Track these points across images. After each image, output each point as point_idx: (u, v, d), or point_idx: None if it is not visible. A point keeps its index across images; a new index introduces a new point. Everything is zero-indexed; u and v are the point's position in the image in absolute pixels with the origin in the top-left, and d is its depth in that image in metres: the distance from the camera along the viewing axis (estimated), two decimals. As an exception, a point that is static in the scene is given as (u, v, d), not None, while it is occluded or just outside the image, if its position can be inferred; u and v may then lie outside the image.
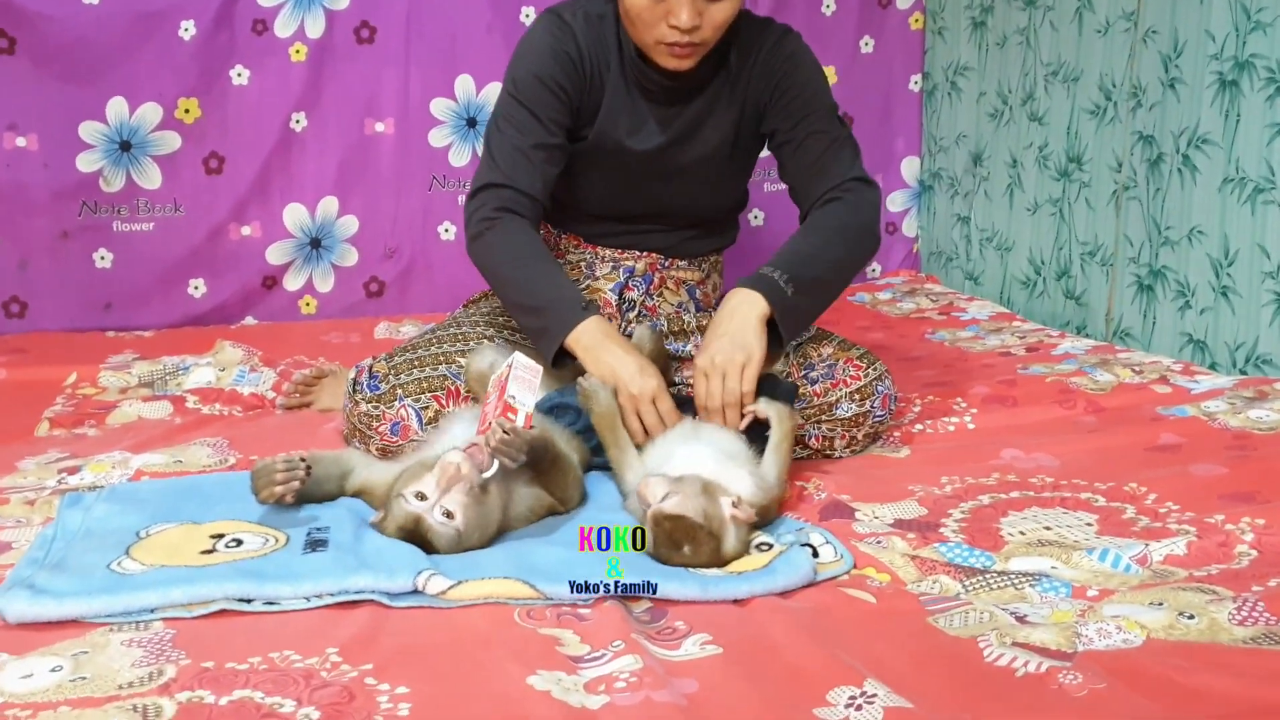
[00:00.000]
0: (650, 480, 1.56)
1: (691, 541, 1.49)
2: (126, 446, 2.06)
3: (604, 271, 2.17)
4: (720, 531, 1.51)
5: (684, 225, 2.18)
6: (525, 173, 1.97)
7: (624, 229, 2.17)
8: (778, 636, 1.32)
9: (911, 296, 3.22)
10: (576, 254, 2.20)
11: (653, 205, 2.13)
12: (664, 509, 1.51)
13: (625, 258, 2.17)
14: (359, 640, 1.29)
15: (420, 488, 1.51)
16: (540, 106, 1.97)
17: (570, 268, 2.19)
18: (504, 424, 1.53)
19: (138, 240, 3.07)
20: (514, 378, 1.61)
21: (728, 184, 2.18)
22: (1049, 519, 1.67)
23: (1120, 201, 2.67)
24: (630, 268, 2.17)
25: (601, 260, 2.18)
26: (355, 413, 1.96)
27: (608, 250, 2.18)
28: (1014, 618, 1.37)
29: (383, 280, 3.23)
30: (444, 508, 1.50)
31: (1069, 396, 2.22)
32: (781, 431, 1.74)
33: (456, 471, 1.50)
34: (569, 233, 2.20)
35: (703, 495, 1.52)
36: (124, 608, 1.34)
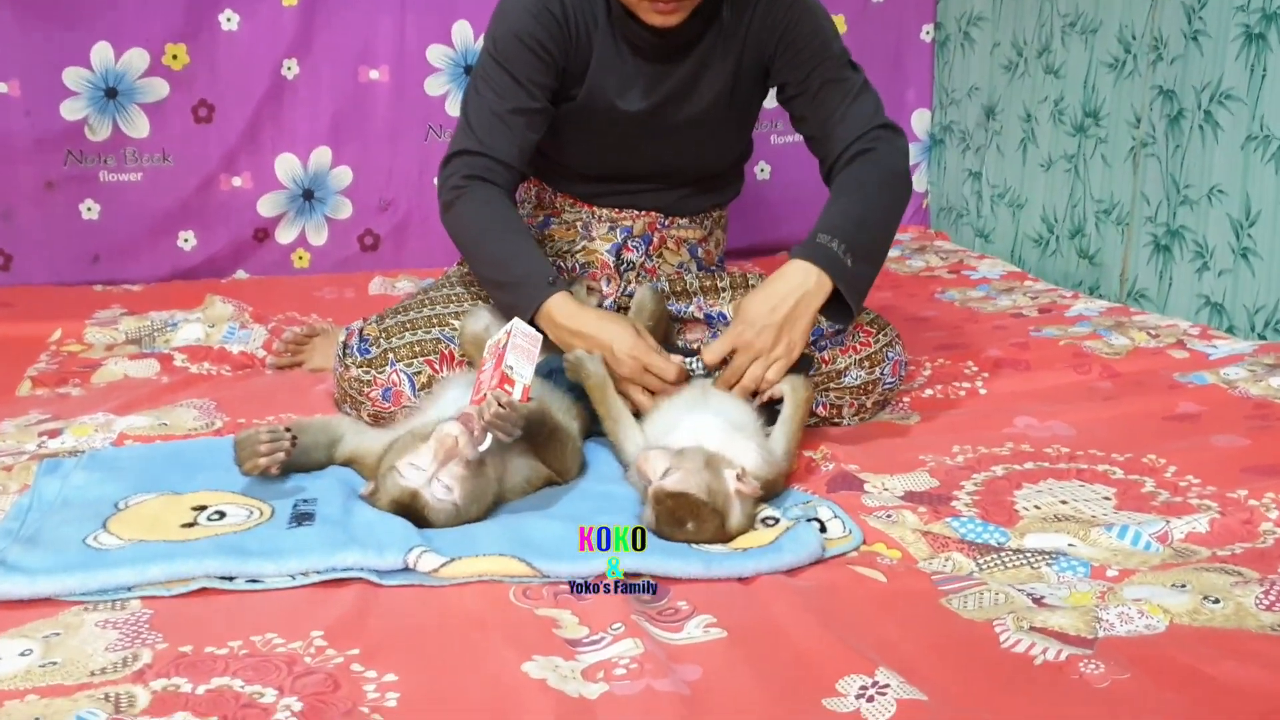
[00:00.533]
0: (650, 454, 1.49)
1: (695, 518, 1.43)
2: (111, 408, 2.00)
3: (600, 232, 2.09)
4: (725, 508, 1.45)
5: (684, 183, 2.10)
6: (502, 139, 1.88)
7: (620, 188, 2.09)
8: (784, 619, 1.26)
9: (921, 254, 3.14)
10: (572, 212, 2.12)
11: (649, 165, 2.05)
12: (665, 486, 1.44)
13: (623, 217, 2.10)
14: (345, 622, 1.23)
15: (415, 460, 1.45)
16: (520, 68, 1.88)
17: (565, 228, 2.11)
18: (500, 396, 1.46)
19: (125, 191, 2.99)
20: (512, 346, 1.54)
21: (727, 139, 2.09)
22: (1065, 492, 1.60)
23: (1138, 158, 2.58)
24: (628, 228, 2.09)
25: (598, 220, 2.10)
26: (346, 378, 1.89)
27: (604, 210, 2.10)
28: (1031, 599, 1.30)
29: (377, 234, 3.16)
30: (441, 482, 1.44)
31: (1083, 361, 2.16)
32: (795, 403, 1.67)
33: (454, 445, 1.44)
34: (563, 192, 2.12)
35: (706, 470, 1.46)
36: (99, 586, 1.28)
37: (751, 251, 3.22)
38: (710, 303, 2.01)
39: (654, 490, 1.45)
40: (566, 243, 2.10)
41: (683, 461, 1.47)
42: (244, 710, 1.06)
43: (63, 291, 2.90)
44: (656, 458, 1.49)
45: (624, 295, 2.06)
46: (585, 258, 2.08)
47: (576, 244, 2.10)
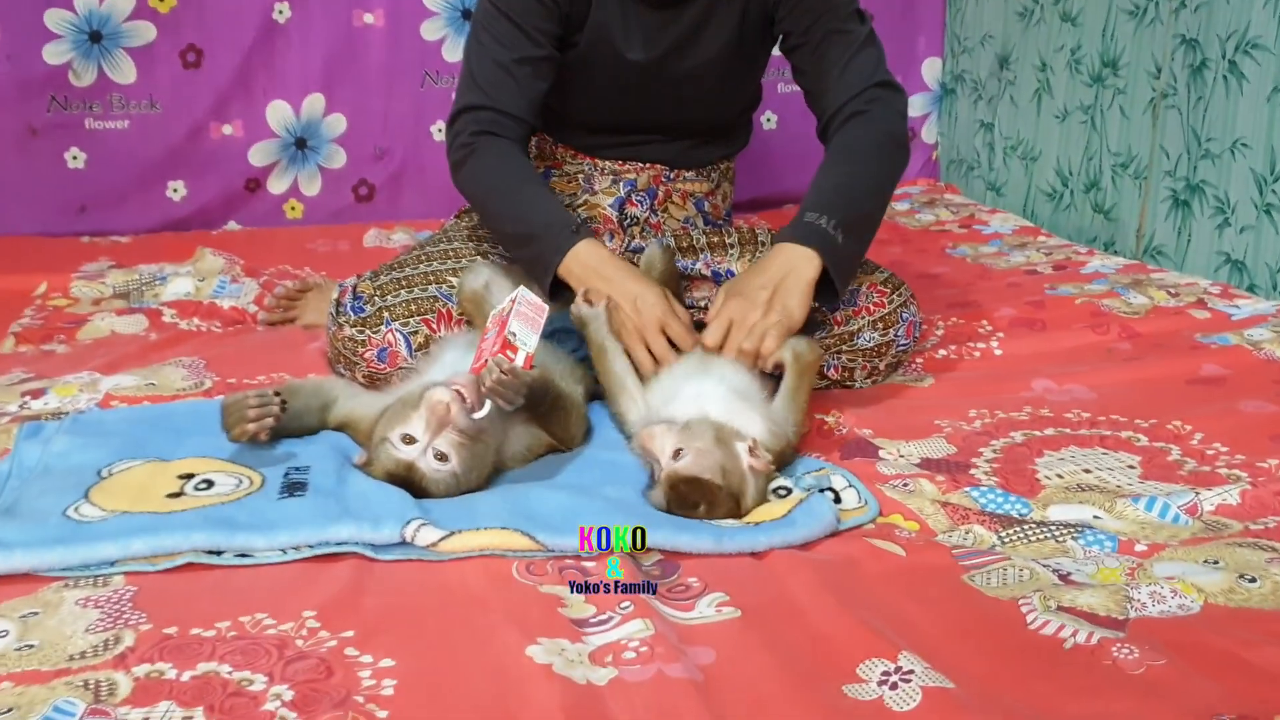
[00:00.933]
0: (655, 431, 1.42)
1: (709, 501, 1.36)
2: (96, 366, 1.93)
3: (603, 185, 2.02)
4: (740, 487, 1.38)
5: (689, 134, 2.02)
6: (508, 91, 1.81)
7: (624, 140, 2.01)
8: (800, 597, 1.20)
9: (930, 208, 3.06)
10: (574, 165, 2.04)
11: (654, 116, 1.97)
12: (680, 471, 1.37)
13: (626, 170, 2.03)
14: (339, 601, 1.17)
15: (407, 430, 1.38)
16: (523, 15, 1.79)
17: (566, 180, 2.04)
18: (502, 363, 1.39)
19: (112, 139, 2.90)
20: (516, 313, 1.47)
21: (734, 89, 2.01)
22: (1088, 460, 1.54)
23: (1158, 110, 2.50)
24: (631, 181, 2.02)
25: (601, 173, 2.03)
26: (339, 337, 1.82)
27: (607, 162, 2.03)
28: (1057, 576, 1.25)
29: (372, 184, 3.07)
30: (436, 450, 1.38)
31: (1101, 320, 2.09)
32: (798, 369, 1.59)
33: (446, 412, 1.37)
34: (564, 144, 2.04)
35: (717, 448, 1.39)
36: (80, 560, 1.22)
37: (758, 204, 3.14)
38: (718, 259, 1.94)
39: (667, 475, 1.38)
40: (567, 196, 2.03)
41: (692, 439, 1.40)
42: (231, 699, 1.00)
43: (48, 243, 2.82)
44: (663, 434, 1.41)
45: (628, 251, 1.99)
46: (587, 212, 2.01)
47: (578, 198, 2.03)
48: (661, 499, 1.39)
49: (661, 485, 1.39)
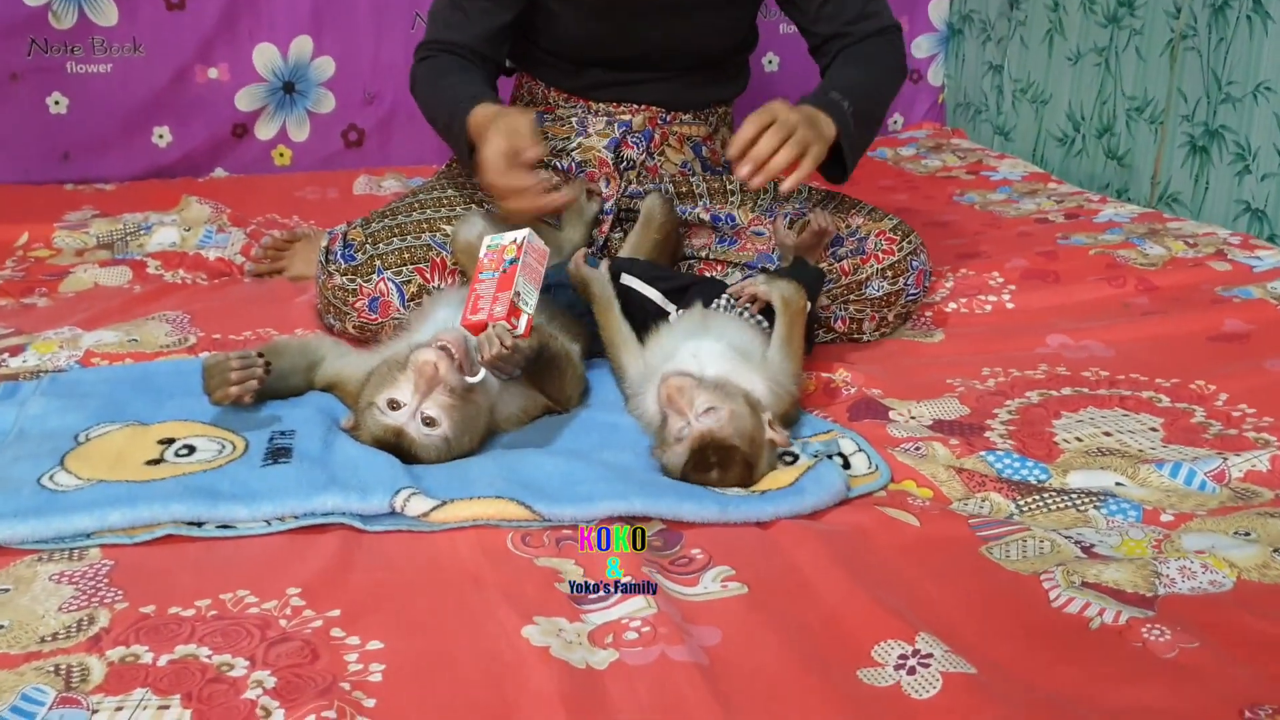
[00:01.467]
0: (683, 383, 1.32)
1: (724, 467, 1.30)
2: (78, 320, 1.86)
3: (598, 127, 1.94)
4: (757, 457, 1.32)
5: (685, 71, 1.95)
6: (459, 28, 1.85)
7: (617, 79, 1.94)
8: (809, 571, 1.14)
9: (937, 153, 2.98)
10: (567, 108, 1.97)
11: (646, 47, 1.90)
12: (715, 434, 1.29)
13: (621, 111, 1.95)
14: (325, 577, 1.11)
15: (394, 394, 1.32)
16: None
17: (560, 124, 1.96)
18: (504, 335, 1.31)
19: (95, 83, 2.80)
20: (524, 265, 1.39)
21: (731, 19, 1.93)
22: (1108, 422, 1.48)
23: (1176, 52, 2.41)
24: (626, 122, 1.94)
25: (594, 114, 1.95)
26: (328, 286, 1.76)
27: (601, 104, 1.95)
28: (1080, 548, 1.19)
29: (362, 129, 2.98)
30: (425, 414, 1.31)
31: (1117, 272, 2.02)
32: (788, 317, 1.50)
33: (434, 373, 1.31)
34: (556, 87, 1.96)
35: (751, 415, 1.32)
36: (55, 533, 1.16)
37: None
38: (718, 205, 1.87)
39: (698, 434, 1.29)
40: (561, 140, 1.95)
41: (723, 399, 1.32)
42: (210, 686, 0.94)
43: (31, 190, 2.73)
44: (690, 387, 1.33)
45: (625, 196, 1.92)
46: (582, 155, 1.93)
47: (571, 141, 1.95)
48: (681, 459, 1.32)
49: (688, 443, 1.31)
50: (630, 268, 1.67)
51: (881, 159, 2.97)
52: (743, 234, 1.86)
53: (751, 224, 1.86)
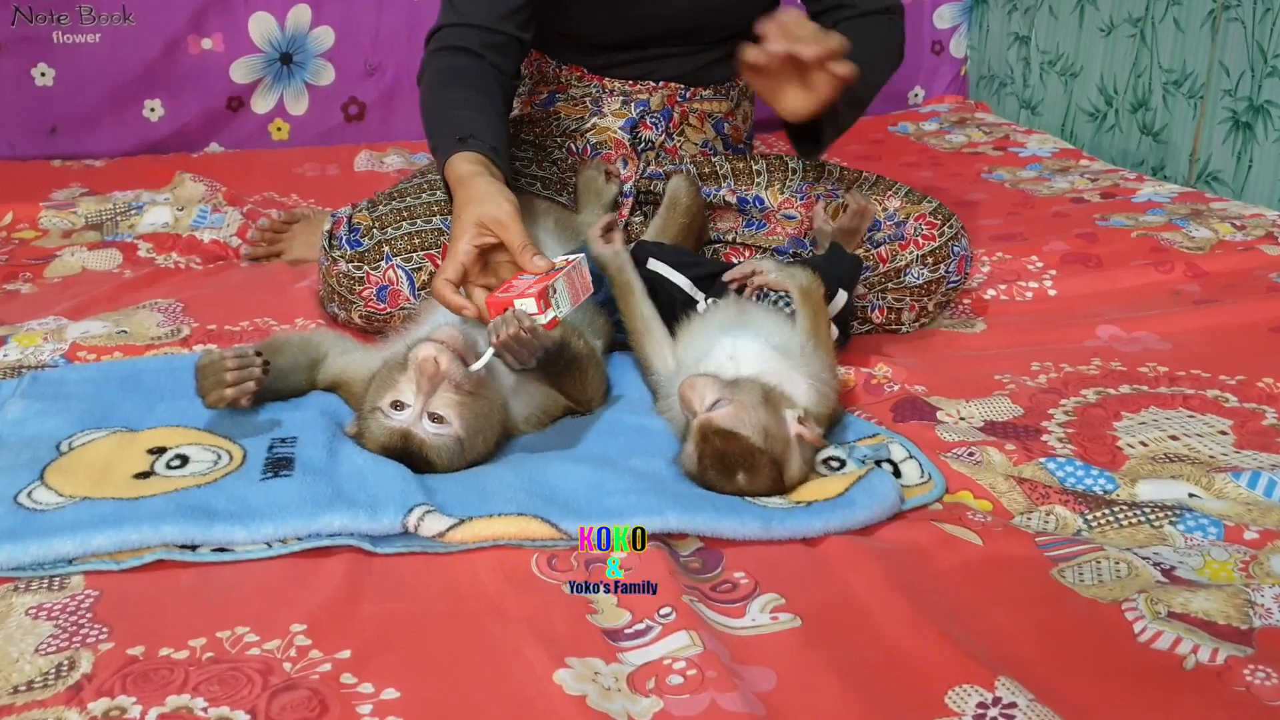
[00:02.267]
0: (697, 382, 1.24)
1: (748, 468, 1.19)
2: (64, 309, 1.75)
3: (613, 107, 1.83)
4: (783, 456, 1.21)
5: (703, 45, 1.83)
6: (476, 5, 1.60)
7: (632, 56, 1.82)
8: (867, 600, 1.04)
9: (961, 127, 2.86)
10: (580, 87, 1.85)
11: (661, 25, 1.77)
12: (714, 420, 1.20)
13: (638, 90, 1.83)
14: (333, 610, 1.00)
15: (397, 396, 1.21)
16: None
17: (573, 104, 1.85)
18: (523, 316, 1.21)
19: (83, 54, 2.69)
20: (568, 275, 1.28)
21: None
22: (1173, 424, 1.37)
23: (1218, 23, 2.29)
24: (644, 102, 1.83)
25: (610, 94, 1.83)
26: (333, 273, 1.64)
27: (616, 82, 1.83)
28: (1159, 571, 1.08)
29: (363, 102, 2.86)
30: (431, 412, 1.21)
31: (1163, 257, 1.91)
32: (810, 309, 1.40)
33: (436, 369, 1.20)
34: (569, 64, 1.84)
35: (763, 407, 1.21)
36: (33, 558, 1.05)
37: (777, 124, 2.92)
38: (744, 186, 1.75)
39: (700, 423, 1.20)
40: (574, 120, 1.83)
41: (737, 393, 1.22)
42: (206, 746, 0.84)
43: (16, 167, 2.62)
44: (705, 386, 1.23)
45: (644, 178, 1.81)
46: (597, 137, 1.82)
47: (586, 122, 1.83)
48: (693, 456, 1.22)
49: (693, 436, 1.22)
50: (657, 252, 1.56)
51: (904, 133, 2.85)
52: (772, 217, 1.75)
53: (781, 206, 1.75)
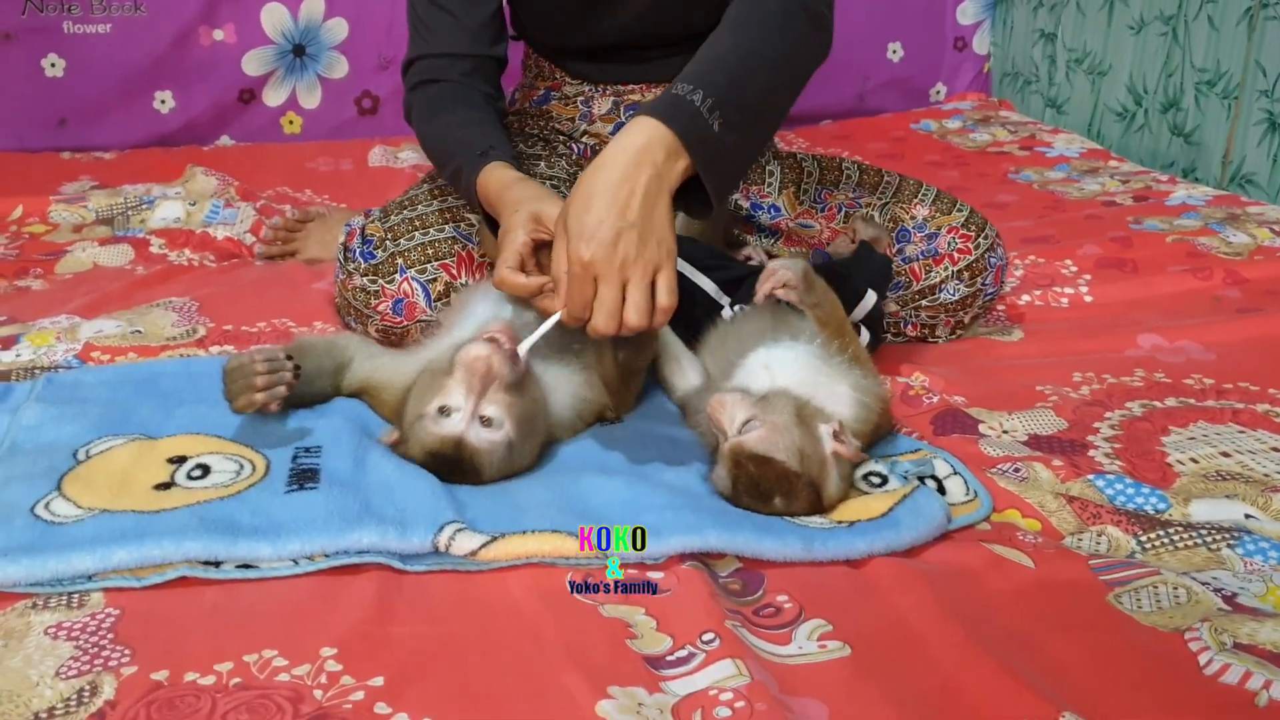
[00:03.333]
0: (726, 399, 1.19)
1: (785, 493, 1.14)
2: (76, 307, 1.71)
3: (603, 110, 1.76)
4: (820, 476, 1.16)
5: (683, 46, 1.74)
6: (443, 29, 1.57)
7: (614, 64, 1.74)
8: (920, 626, 0.99)
9: (985, 125, 2.81)
10: (574, 85, 1.79)
11: (619, 32, 1.67)
12: (746, 444, 1.15)
13: (630, 91, 1.76)
14: (364, 633, 0.96)
15: (445, 400, 1.17)
16: None
17: (565, 103, 1.79)
18: None
19: (93, 44, 2.64)
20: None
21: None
22: (1224, 440, 1.33)
23: (1255, 21, 2.24)
24: (634, 105, 1.76)
25: (601, 95, 1.77)
26: (349, 287, 1.59)
27: (608, 84, 1.77)
28: (1221, 598, 1.04)
29: (377, 95, 2.82)
30: (483, 414, 1.16)
31: (1201, 262, 1.87)
32: (829, 333, 1.31)
33: (488, 369, 1.16)
34: (560, 67, 1.79)
35: (797, 426, 1.16)
36: (52, 574, 1.01)
37: (792, 120, 2.88)
38: (756, 189, 1.70)
39: (731, 447, 1.16)
40: (568, 121, 1.79)
41: (768, 412, 1.17)
42: (236, 783, 0.80)
43: (26, 159, 2.58)
44: (735, 403, 1.19)
45: None
46: (590, 140, 1.77)
47: (577, 126, 1.78)
48: (725, 480, 1.17)
49: (724, 461, 1.17)
50: (683, 249, 1.51)
51: (927, 131, 2.81)
52: (784, 225, 1.69)
53: (799, 215, 1.69)
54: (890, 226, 1.61)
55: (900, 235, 1.61)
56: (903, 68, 3.00)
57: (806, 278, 1.30)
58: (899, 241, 1.60)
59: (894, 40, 2.98)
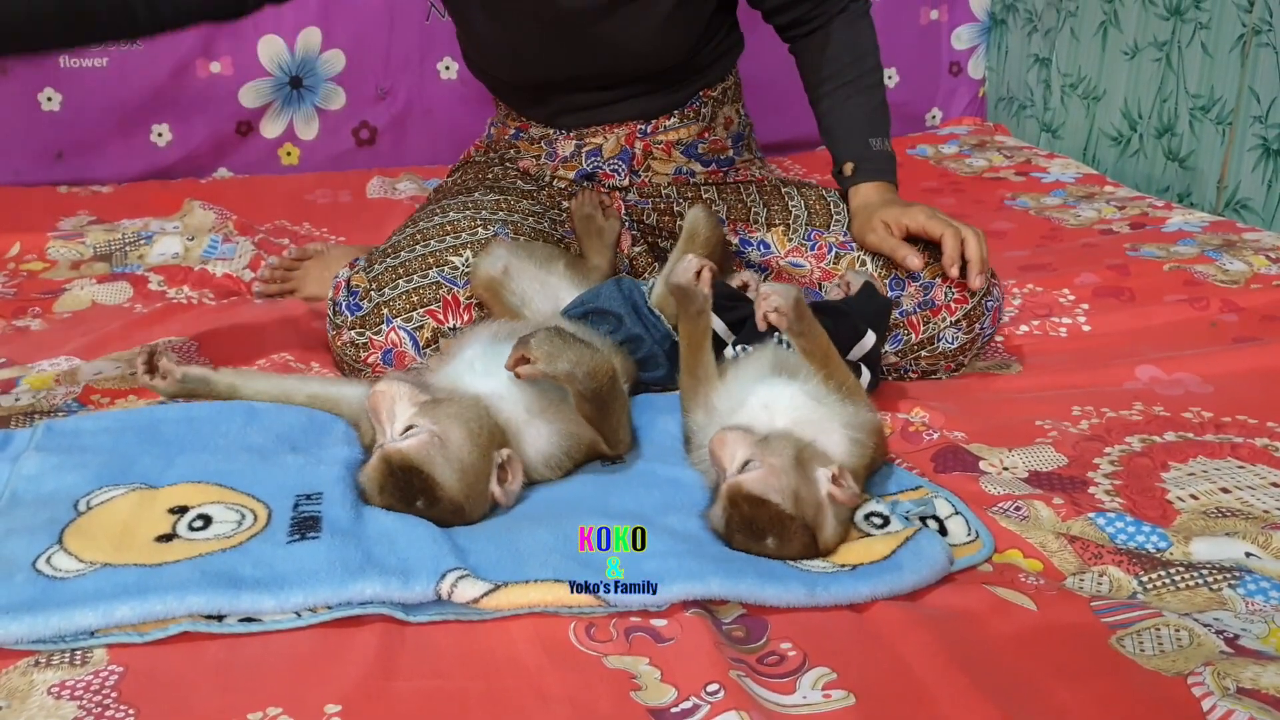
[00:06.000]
0: (728, 437, 1.19)
1: (778, 534, 1.14)
2: (75, 348, 1.71)
3: (565, 153, 1.78)
4: (817, 520, 1.16)
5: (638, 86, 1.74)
6: None
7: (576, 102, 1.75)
8: (923, 673, 0.99)
9: (981, 150, 2.82)
10: (539, 129, 1.81)
11: (573, 71, 1.70)
12: (743, 485, 1.15)
13: (591, 134, 1.77)
14: (368, 688, 0.96)
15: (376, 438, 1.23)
16: None
17: (532, 144, 1.81)
18: None
19: (90, 78, 2.65)
20: None
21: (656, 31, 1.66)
22: (1223, 475, 1.33)
23: (1248, 48, 2.25)
24: (596, 150, 1.77)
25: (564, 135, 1.78)
26: (339, 342, 1.59)
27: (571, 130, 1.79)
28: (1223, 640, 1.04)
29: (374, 126, 2.82)
30: (400, 429, 1.20)
31: (1198, 292, 1.87)
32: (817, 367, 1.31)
33: (391, 400, 1.21)
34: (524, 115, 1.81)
35: (795, 470, 1.16)
36: (54, 631, 1.00)
37: (791, 146, 2.87)
38: (743, 227, 1.71)
39: (729, 487, 1.16)
40: (535, 160, 1.80)
41: (767, 453, 1.17)
42: (242, 846, 0.80)
43: (22, 193, 2.58)
44: (735, 441, 1.19)
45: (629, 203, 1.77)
46: (559, 183, 1.78)
47: (544, 167, 1.79)
48: (720, 518, 1.17)
49: (721, 500, 1.17)
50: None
51: (923, 157, 2.82)
52: (774, 263, 1.70)
53: (789, 254, 1.70)
54: (883, 274, 1.61)
55: (894, 284, 1.61)
56: (898, 93, 3.01)
57: (798, 306, 1.30)
58: (893, 291, 1.60)
59: (889, 66, 2.99)
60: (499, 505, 1.24)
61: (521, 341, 1.24)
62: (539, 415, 1.31)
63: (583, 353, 1.25)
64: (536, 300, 1.55)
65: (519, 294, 1.54)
